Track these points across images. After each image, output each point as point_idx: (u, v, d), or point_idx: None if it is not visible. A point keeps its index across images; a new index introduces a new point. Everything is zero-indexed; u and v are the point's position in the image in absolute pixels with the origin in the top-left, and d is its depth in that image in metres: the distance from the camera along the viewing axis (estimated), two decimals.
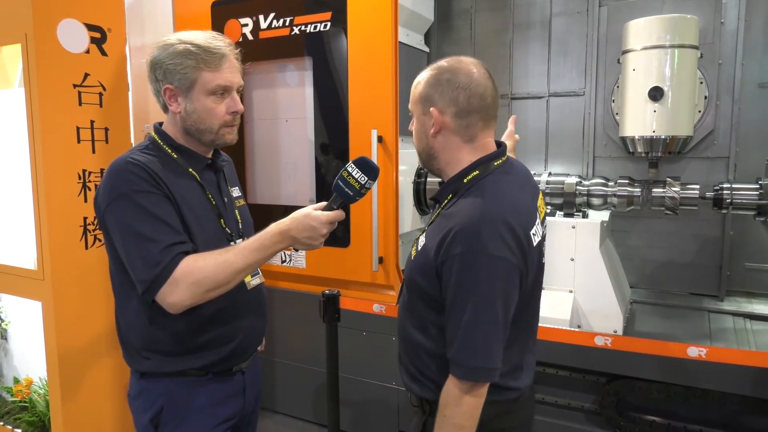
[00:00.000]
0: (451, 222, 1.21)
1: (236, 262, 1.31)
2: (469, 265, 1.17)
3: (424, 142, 1.34)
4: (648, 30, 2.38)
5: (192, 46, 1.38)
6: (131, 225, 1.31)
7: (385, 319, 2.68)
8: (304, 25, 2.78)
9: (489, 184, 1.27)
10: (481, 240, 1.17)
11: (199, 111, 1.41)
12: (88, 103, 2.46)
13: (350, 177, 1.36)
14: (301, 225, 1.34)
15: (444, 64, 1.31)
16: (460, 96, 1.27)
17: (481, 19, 3.35)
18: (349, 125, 2.71)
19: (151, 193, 1.33)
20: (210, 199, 1.47)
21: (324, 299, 2.16)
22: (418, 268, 1.29)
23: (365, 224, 2.70)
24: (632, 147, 2.58)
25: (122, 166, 1.35)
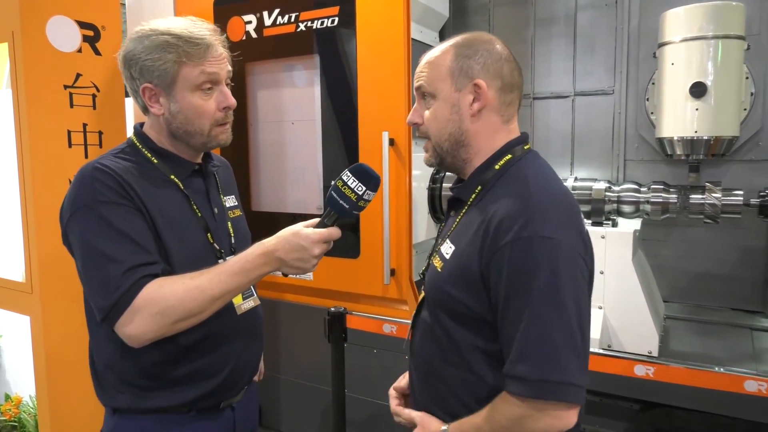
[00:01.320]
0: (491, 211, 1.04)
1: (210, 289, 1.13)
2: (522, 253, 0.98)
3: (456, 125, 1.13)
4: (688, 20, 2.15)
5: (170, 36, 1.20)
6: (92, 241, 1.14)
7: (396, 340, 2.47)
8: (310, 21, 2.60)
9: (527, 166, 1.12)
10: (535, 221, 0.99)
11: (186, 111, 1.24)
12: (81, 105, 2.31)
13: (345, 187, 1.16)
14: (289, 245, 1.15)
15: (468, 35, 1.16)
16: (505, 68, 1.13)
17: (499, 15, 3.14)
18: (359, 127, 2.53)
19: (117, 205, 1.16)
20: (195, 211, 1.29)
21: (329, 318, 1.98)
22: (451, 280, 1.09)
23: (376, 233, 2.51)
24: (670, 149, 2.35)
25: (88, 172, 1.19)
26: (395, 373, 2.51)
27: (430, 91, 1.15)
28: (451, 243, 1.13)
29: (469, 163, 1.16)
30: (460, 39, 1.16)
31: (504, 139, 1.15)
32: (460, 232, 1.13)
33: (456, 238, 1.13)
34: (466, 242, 1.08)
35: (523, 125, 3.16)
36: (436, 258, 1.17)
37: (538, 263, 0.97)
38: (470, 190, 1.15)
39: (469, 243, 1.07)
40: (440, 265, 1.14)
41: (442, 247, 1.16)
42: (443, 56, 1.14)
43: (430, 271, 1.20)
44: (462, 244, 1.09)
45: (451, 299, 1.09)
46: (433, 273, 1.17)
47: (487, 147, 1.15)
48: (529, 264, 0.98)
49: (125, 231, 1.15)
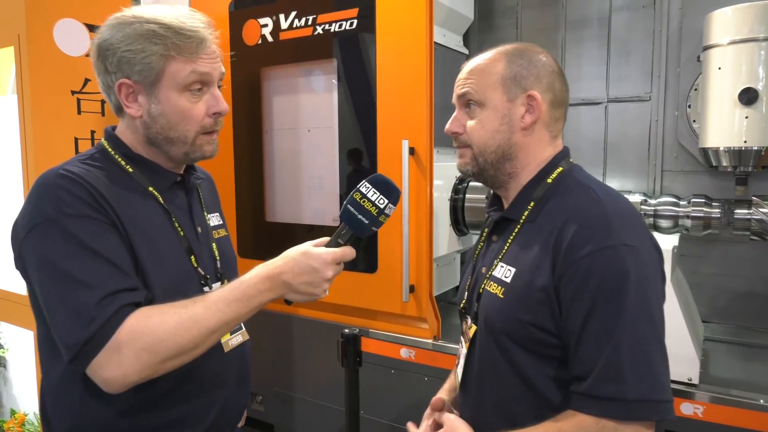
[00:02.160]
0: (559, 224, 0.98)
1: (206, 319, 0.95)
2: (610, 264, 0.92)
3: (505, 137, 1.08)
4: (738, 20, 1.97)
5: (157, 25, 1.02)
6: (56, 262, 0.94)
7: (414, 365, 2.32)
8: (328, 24, 2.49)
9: (583, 177, 1.08)
10: (616, 230, 0.94)
11: (169, 114, 1.06)
12: (88, 112, 2.23)
13: (364, 200, 1.03)
14: (298, 267, 1.00)
15: (517, 45, 1.12)
16: (557, 82, 1.09)
17: (528, 17, 2.99)
18: (378, 135, 2.40)
19: (89, 219, 0.97)
20: (177, 229, 1.12)
21: (343, 340, 1.84)
22: (520, 305, 1.00)
23: (395, 247, 2.37)
24: (715, 160, 2.17)
25: (51, 179, 0.99)
26: (413, 393, 2.39)
27: (478, 99, 1.09)
28: (508, 266, 1.05)
29: (514, 178, 1.11)
30: (510, 47, 1.11)
31: (551, 153, 1.11)
32: (516, 252, 1.05)
33: (513, 259, 1.05)
34: (530, 261, 1.00)
35: None
36: (492, 285, 1.07)
37: (626, 274, 0.91)
38: (521, 207, 1.09)
39: (534, 261, 1.00)
40: (501, 291, 1.04)
41: (495, 271, 1.07)
42: (494, 64, 1.08)
43: (487, 299, 1.08)
44: (524, 264, 1.02)
45: (522, 326, 0.99)
46: (493, 301, 1.05)
47: (535, 161, 1.10)
48: (617, 275, 0.91)
49: (99, 250, 0.95)
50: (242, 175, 2.86)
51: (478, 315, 1.10)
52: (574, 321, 0.94)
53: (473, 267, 1.21)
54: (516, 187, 1.11)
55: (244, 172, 2.85)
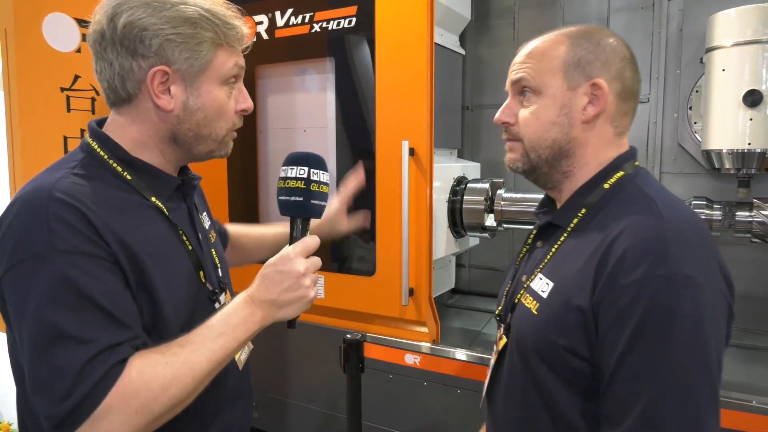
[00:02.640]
0: (608, 238, 0.85)
1: (199, 364, 0.86)
2: (660, 295, 0.78)
3: (563, 131, 0.96)
4: (741, 22, 1.96)
5: (204, 11, 0.93)
6: (42, 310, 0.80)
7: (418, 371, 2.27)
8: (325, 22, 2.44)
9: (647, 184, 0.93)
10: (673, 255, 0.79)
11: (208, 108, 0.96)
12: (78, 110, 2.15)
13: (288, 180, 0.97)
14: (268, 279, 0.92)
15: (583, 26, 0.99)
16: (627, 70, 0.96)
17: (525, 17, 2.97)
18: (376, 135, 2.35)
19: (84, 256, 0.83)
20: (185, 243, 1.01)
21: (345, 346, 1.79)
22: (555, 325, 0.88)
23: (393, 249, 2.33)
24: (718, 162, 2.15)
25: (42, 203, 0.84)
26: (415, 399, 2.35)
27: (534, 86, 0.97)
28: (547, 278, 0.94)
29: (570, 178, 0.99)
30: (575, 29, 0.98)
31: (614, 153, 0.98)
32: (558, 264, 0.94)
33: (553, 272, 0.94)
34: (571, 277, 0.89)
35: None
36: (527, 297, 0.97)
37: (678, 310, 0.77)
38: (571, 213, 0.97)
39: (574, 277, 0.88)
40: (535, 306, 0.94)
41: (533, 283, 0.97)
42: (555, 46, 0.96)
43: (520, 313, 0.98)
44: (564, 278, 0.91)
45: (555, 349, 0.88)
46: (527, 316, 0.95)
47: (595, 161, 0.97)
48: (667, 310, 0.78)
49: (93, 295, 0.82)
50: (235, 176, 2.79)
51: (510, 327, 1.01)
52: (610, 353, 0.81)
53: (514, 272, 1.11)
54: (571, 189, 0.99)
55: (237, 173, 2.79)
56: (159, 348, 0.86)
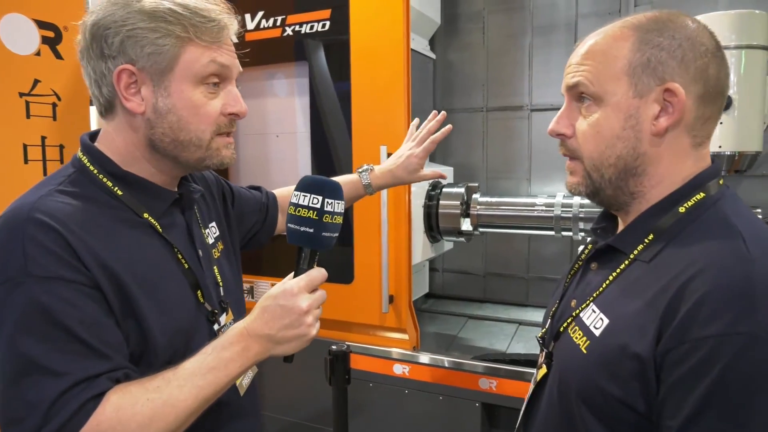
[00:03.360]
0: (681, 278, 0.71)
1: (184, 400, 0.80)
2: (744, 360, 0.65)
3: (629, 146, 0.81)
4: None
5: (173, 3, 0.86)
6: (14, 339, 0.76)
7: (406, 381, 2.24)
8: (298, 25, 2.39)
9: (734, 212, 0.78)
10: (765, 312, 0.65)
11: (180, 109, 0.88)
12: (39, 116, 2.03)
13: (299, 209, 0.90)
14: (267, 313, 0.86)
15: (656, 13, 0.82)
16: (712, 66, 0.78)
17: (494, 22, 2.99)
18: (353, 141, 2.32)
19: (61, 282, 0.78)
20: (181, 262, 0.95)
21: (331, 358, 1.75)
22: (605, 369, 0.76)
23: (372, 256, 2.30)
24: None
25: (20, 224, 0.79)
26: (401, 410, 2.31)
27: (593, 93, 0.82)
28: (601, 312, 0.81)
29: (640, 199, 0.84)
30: (644, 18, 0.81)
31: (693, 168, 0.82)
32: (616, 297, 0.81)
33: (610, 306, 0.81)
34: (631, 317, 0.76)
35: (520, 138, 3.06)
36: (576, 330, 0.85)
37: (765, 378, 0.65)
38: (636, 238, 0.82)
39: (635, 317, 0.75)
40: (585, 344, 0.82)
41: (584, 314, 0.85)
42: (619, 43, 0.81)
43: (567, 346, 0.86)
44: (622, 318, 0.77)
45: (603, 397, 0.76)
46: (574, 354, 0.83)
47: (670, 178, 0.82)
48: (750, 375, 0.65)
49: (69, 324, 0.77)
50: None
51: (553, 359, 0.91)
52: (672, 416, 0.69)
53: (563, 292, 0.98)
54: (640, 210, 0.85)
55: None
56: (142, 381, 0.81)
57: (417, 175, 1.56)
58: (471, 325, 2.85)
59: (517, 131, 2.97)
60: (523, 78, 2.92)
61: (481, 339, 2.65)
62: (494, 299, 3.10)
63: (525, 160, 2.95)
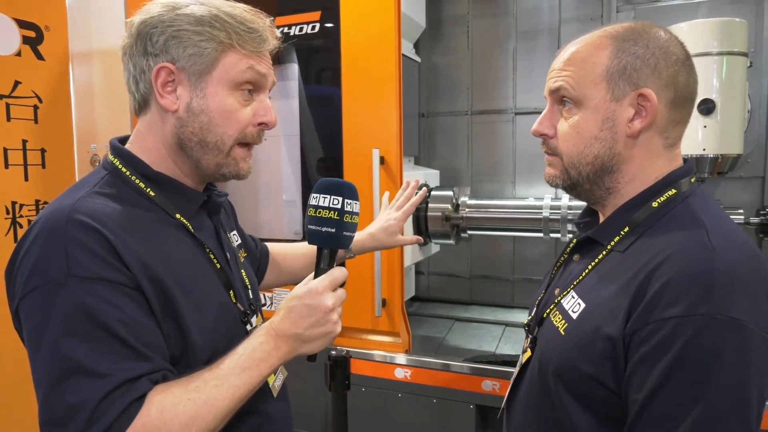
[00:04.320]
0: (650, 264, 0.78)
1: (222, 400, 0.81)
2: (701, 338, 0.71)
3: (606, 146, 0.87)
4: (694, 35, 2.09)
5: (220, 12, 0.90)
6: (58, 341, 0.76)
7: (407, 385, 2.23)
8: (287, 27, 2.36)
9: (701, 207, 0.84)
10: (721, 296, 0.72)
11: (213, 111, 0.90)
12: (19, 118, 1.96)
13: (320, 210, 0.93)
14: (294, 313, 0.88)
15: (630, 24, 0.89)
16: (682, 74, 0.86)
17: (479, 26, 3.02)
18: (344, 144, 2.30)
19: (103, 283, 0.78)
20: (213, 262, 0.97)
21: (331, 363, 1.73)
22: (580, 350, 0.82)
23: (364, 260, 2.28)
24: None
25: (60, 226, 0.80)
26: (397, 414, 2.30)
27: (574, 97, 0.88)
28: (579, 298, 0.88)
29: (615, 194, 0.91)
30: (621, 28, 0.89)
31: (665, 167, 0.89)
32: (593, 284, 0.87)
33: (587, 292, 0.88)
34: (605, 301, 0.82)
35: (505, 141, 3.10)
36: (557, 314, 0.92)
37: (720, 355, 0.71)
38: (613, 230, 0.90)
39: (608, 301, 0.81)
40: (563, 326, 0.88)
41: (565, 300, 0.91)
42: (598, 51, 0.88)
43: (548, 330, 0.93)
44: (597, 302, 0.84)
45: (579, 376, 0.82)
46: (553, 336, 0.90)
47: (643, 176, 0.88)
48: (707, 352, 0.71)
49: (112, 326, 0.77)
50: None
51: (537, 342, 0.97)
52: (638, 390, 0.75)
53: (549, 282, 1.05)
54: (616, 204, 0.92)
55: None
56: (181, 381, 0.82)
57: (396, 238, 1.61)
58: (458, 328, 2.86)
59: (501, 134, 3.00)
60: (508, 82, 2.96)
61: (468, 341, 2.67)
62: (480, 301, 3.13)
63: (510, 163, 2.98)
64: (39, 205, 1.98)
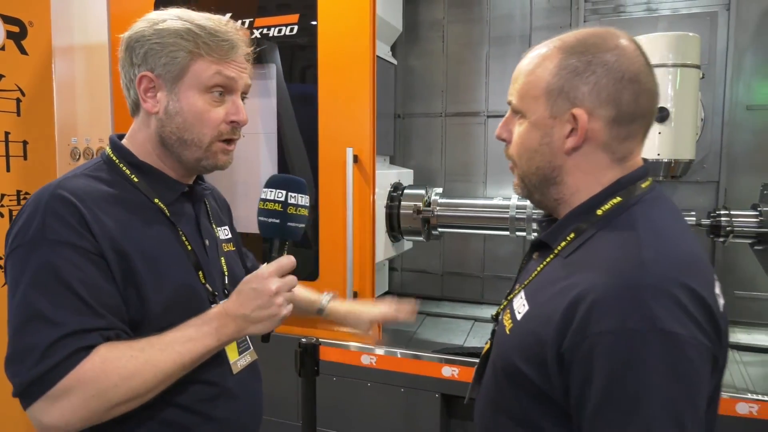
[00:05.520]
0: (582, 277, 0.79)
1: (164, 362, 0.91)
2: (630, 353, 0.72)
3: (545, 159, 0.88)
4: (651, 48, 2.20)
5: (192, 24, 1.01)
6: (25, 290, 0.90)
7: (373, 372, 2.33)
8: (266, 28, 2.44)
9: (643, 216, 0.84)
10: (648, 309, 0.72)
11: (186, 113, 1.02)
12: (2, 111, 2.01)
13: (267, 203, 1.03)
14: (242, 295, 0.97)
15: (586, 34, 0.88)
16: (626, 92, 0.83)
17: (453, 31, 3.13)
18: (319, 143, 2.39)
19: (69, 247, 0.91)
20: (184, 243, 1.06)
21: (301, 350, 1.81)
22: (520, 351, 0.85)
23: (337, 253, 2.38)
24: None
25: (42, 198, 0.95)
26: (364, 401, 2.38)
27: (520, 109, 0.90)
28: (525, 299, 0.90)
29: (563, 205, 0.91)
30: (573, 39, 0.87)
31: (615, 176, 0.87)
32: (538, 287, 0.89)
33: (532, 294, 0.89)
34: (545, 306, 0.83)
35: (477, 143, 3.22)
36: (507, 314, 0.94)
37: (649, 371, 0.72)
38: (560, 235, 0.89)
39: (549, 309, 0.82)
40: (509, 326, 0.91)
41: (515, 300, 0.93)
42: (544, 64, 0.87)
43: (500, 327, 0.96)
44: (539, 307, 0.86)
45: (516, 370, 0.85)
46: (501, 334, 0.93)
47: (587, 188, 0.88)
48: (637, 369, 0.72)
49: (72, 283, 0.90)
50: None
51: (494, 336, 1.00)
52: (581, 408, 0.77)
53: (517, 277, 1.06)
54: (562, 211, 0.93)
55: None
56: (129, 342, 0.93)
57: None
58: (429, 322, 2.96)
59: (474, 136, 3.11)
60: (481, 85, 3.07)
61: (438, 335, 2.76)
62: (451, 297, 3.23)
63: (481, 164, 3.09)
64: (21, 195, 2.03)
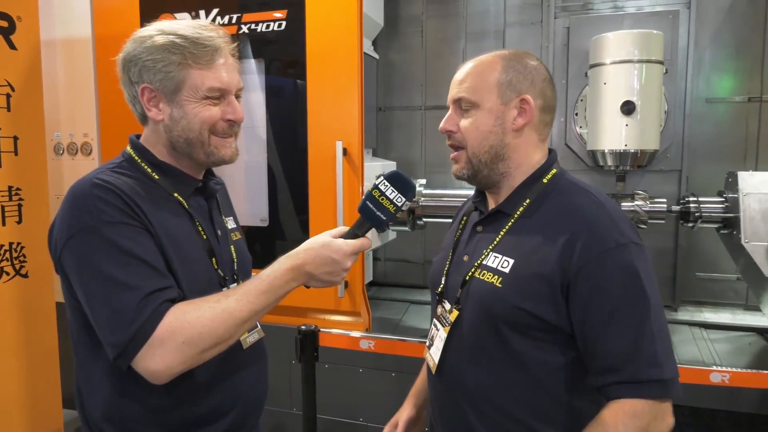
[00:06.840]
0: (567, 224, 1.06)
1: (239, 311, 1.03)
2: (627, 261, 1.01)
3: (498, 138, 1.14)
4: (617, 45, 2.37)
5: (176, 36, 1.10)
6: (99, 267, 1.01)
7: (369, 356, 2.42)
8: (254, 24, 2.49)
9: (575, 182, 1.16)
10: (623, 229, 1.04)
11: (189, 117, 1.13)
12: None
13: (383, 197, 1.11)
14: (319, 258, 1.08)
15: (514, 51, 1.19)
16: (548, 89, 1.17)
17: (432, 26, 3.23)
18: (309, 136, 2.46)
19: (125, 225, 1.04)
20: (200, 233, 1.18)
21: (300, 337, 1.89)
22: (522, 294, 1.06)
23: None
24: (602, 160, 2.56)
25: (86, 189, 1.06)
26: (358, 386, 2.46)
27: (473, 101, 1.13)
28: (504, 256, 1.11)
29: (508, 177, 1.17)
30: (507, 53, 1.17)
31: (540, 156, 1.18)
32: (513, 244, 1.12)
33: (510, 250, 1.11)
34: (532, 253, 1.07)
35: None
36: (484, 273, 1.13)
37: (642, 268, 1.01)
38: (517, 203, 1.15)
39: (537, 254, 1.06)
40: (497, 280, 1.10)
41: (487, 260, 1.13)
42: (491, 66, 1.14)
43: (480, 287, 1.13)
44: (525, 256, 1.08)
45: (521, 314, 1.06)
46: (490, 290, 1.10)
47: (527, 162, 1.16)
48: (635, 270, 1.01)
49: (137, 253, 1.02)
50: None
51: (467, 301, 1.16)
52: (596, 315, 1.01)
53: (451, 253, 1.26)
54: (510, 186, 1.18)
55: None
56: (206, 297, 1.04)
57: None
58: (413, 310, 3.06)
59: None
60: None
61: (423, 322, 2.86)
62: None
63: None
64: (12, 191, 2.04)
